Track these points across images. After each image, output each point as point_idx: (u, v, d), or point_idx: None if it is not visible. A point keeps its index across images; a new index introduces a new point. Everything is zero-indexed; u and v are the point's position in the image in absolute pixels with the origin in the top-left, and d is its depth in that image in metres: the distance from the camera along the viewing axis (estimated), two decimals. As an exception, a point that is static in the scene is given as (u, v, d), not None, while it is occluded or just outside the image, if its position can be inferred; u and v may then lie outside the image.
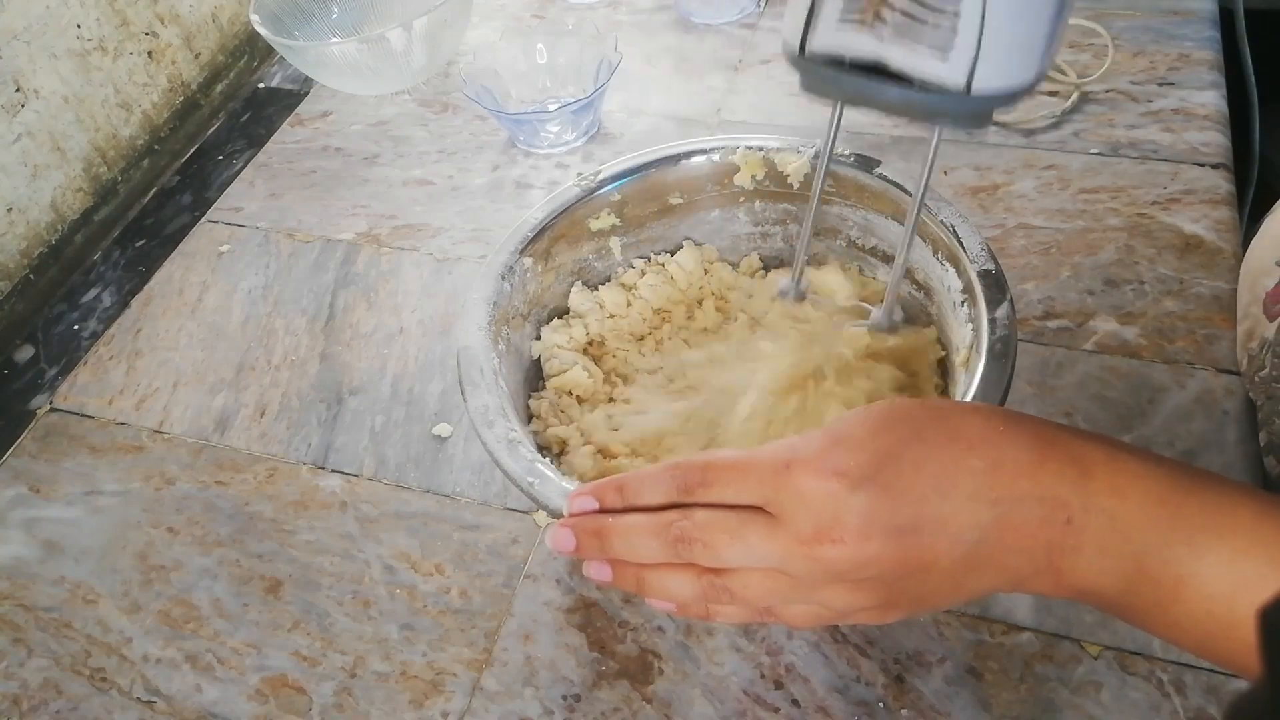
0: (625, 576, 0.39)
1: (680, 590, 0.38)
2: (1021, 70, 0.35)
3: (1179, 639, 0.35)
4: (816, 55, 0.36)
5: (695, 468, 0.37)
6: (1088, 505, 0.34)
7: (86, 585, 0.57)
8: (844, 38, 0.35)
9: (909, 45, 0.34)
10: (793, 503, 0.35)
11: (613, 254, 0.61)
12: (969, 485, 0.34)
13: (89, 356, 0.70)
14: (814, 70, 0.37)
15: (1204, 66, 0.76)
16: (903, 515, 0.34)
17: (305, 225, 0.77)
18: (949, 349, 0.53)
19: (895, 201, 0.55)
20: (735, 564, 0.36)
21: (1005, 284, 0.49)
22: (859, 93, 0.36)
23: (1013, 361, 0.46)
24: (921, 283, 0.56)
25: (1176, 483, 0.34)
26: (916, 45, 0.34)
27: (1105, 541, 0.34)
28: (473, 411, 0.48)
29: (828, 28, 0.36)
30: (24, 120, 0.75)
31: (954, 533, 0.34)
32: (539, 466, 0.45)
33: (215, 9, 0.92)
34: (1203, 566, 0.33)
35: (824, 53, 0.36)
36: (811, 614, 0.37)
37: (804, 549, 0.35)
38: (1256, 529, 0.33)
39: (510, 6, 0.94)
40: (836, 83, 0.36)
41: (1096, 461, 0.35)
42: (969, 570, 0.35)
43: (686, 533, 0.36)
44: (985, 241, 0.51)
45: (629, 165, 0.58)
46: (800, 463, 0.35)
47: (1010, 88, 0.35)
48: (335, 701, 0.51)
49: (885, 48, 0.35)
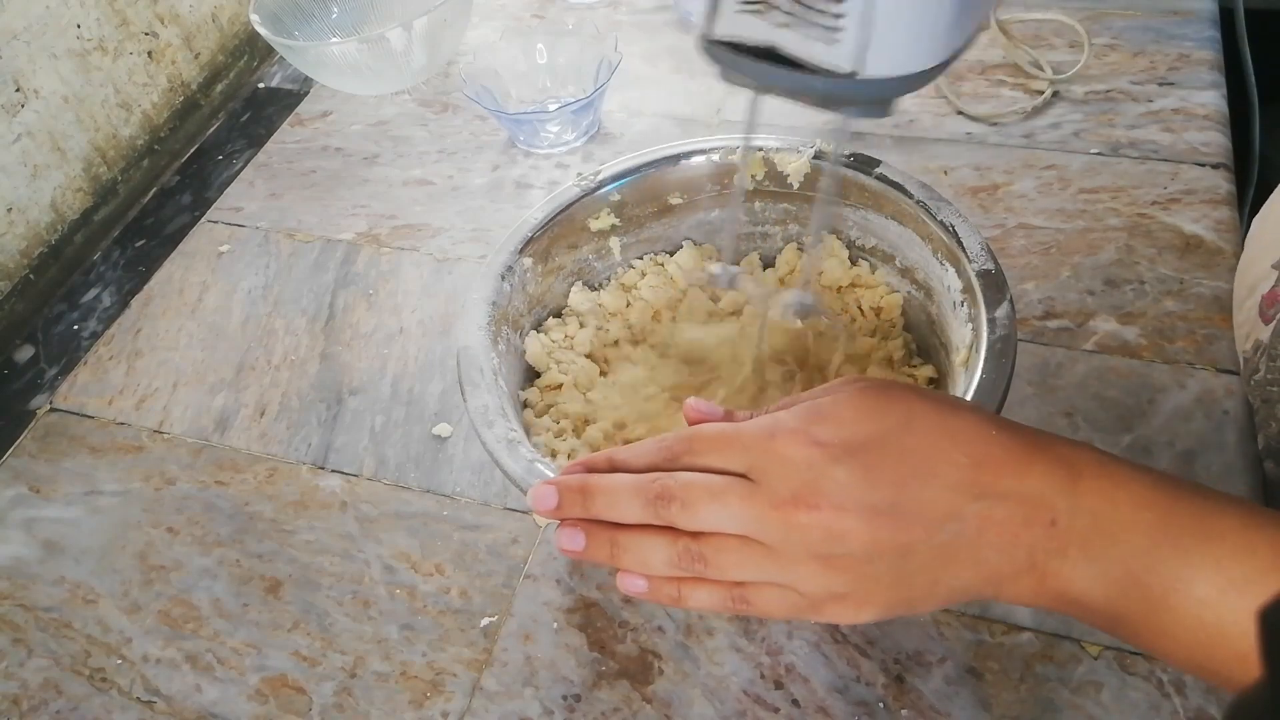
0: (599, 542, 0.38)
1: (654, 555, 0.38)
2: (918, 54, 0.35)
3: (1168, 650, 0.34)
4: (720, 41, 0.37)
5: (682, 437, 0.38)
6: (1074, 508, 0.34)
7: (86, 585, 0.57)
8: (742, 24, 0.36)
9: (799, 29, 0.35)
10: (773, 467, 0.35)
11: (613, 254, 0.61)
12: (952, 476, 0.34)
13: (89, 356, 0.70)
14: (720, 56, 0.37)
15: (1204, 66, 0.76)
16: (880, 494, 0.34)
17: (305, 225, 0.77)
18: (949, 349, 0.53)
19: (895, 202, 0.55)
20: (712, 527, 0.37)
21: (1005, 284, 0.49)
22: (760, 78, 0.37)
23: (1012, 361, 0.46)
24: (921, 283, 0.56)
25: (1165, 490, 0.34)
26: (806, 29, 0.34)
27: (1091, 546, 0.34)
28: (472, 411, 0.48)
29: (728, 14, 0.36)
30: (24, 120, 0.75)
31: (931, 520, 0.34)
32: (539, 466, 0.45)
33: (215, 9, 0.92)
34: (1191, 572, 0.33)
35: (726, 39, 0.37)
36: (784, 600, 0.37)
37: (780, 513, 0.35)
38: (1244, 535, 0.33)
39: (510, 6, 0.94)
40: (741, 68, 0.37)
41: (1085, 465, 0.35)
42: (946, 562, 0.35)
43: (668, 489, 0.37)
44: (985, 241, 0.51)
45: (629, 165, 0.58)
46: (785, 431, 0.36)
47: (904, 71, 0.35)
48: (335, 701, 0.51)
49: (777, 32, 0.35)
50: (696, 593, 0.38)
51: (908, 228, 0.55)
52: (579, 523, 0.39)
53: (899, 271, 0.57)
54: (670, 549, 0.37)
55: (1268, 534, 0.33)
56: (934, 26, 0.35)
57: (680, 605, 0.39)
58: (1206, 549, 0.33)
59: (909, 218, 0.55)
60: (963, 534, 0.34)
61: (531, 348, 0.57)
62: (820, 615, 0.37)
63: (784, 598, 0.37)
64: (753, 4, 0.35)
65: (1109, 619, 0.35)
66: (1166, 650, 0.34)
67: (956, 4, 0.34)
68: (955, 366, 0.51)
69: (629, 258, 0.61)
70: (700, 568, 0.37)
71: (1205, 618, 0.32)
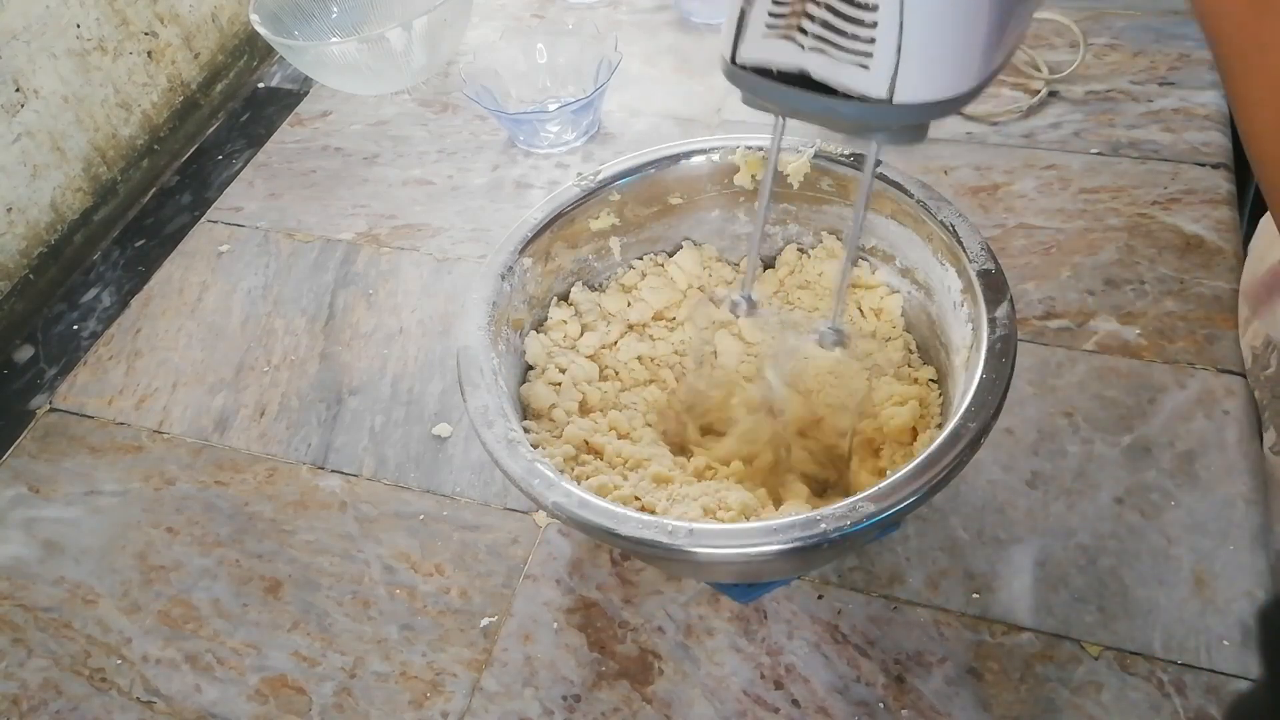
0: None
1: None
2: (952, 80, 0.35)
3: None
4: (746, 66, 0.36)
5: None
6: None
7: (86, 585, 0.57)
8: (770, 48, 0.35)
9: (830, 54, 0.34)
10: None
11: (612, 254, 0.61)
12: None
13: (89, 356, 0.70)
14: (746, 81, 0.37)
15: (1204, 66, 0.76)
16: None
17: (305, 225, 0.77)
18: (949, 349, 0.53)
19: (894, 201, 0.55)
20: None
21: (1005, 284, 0.49)
22: (789, 103, 0.36)
23: (1012, 361, 0.46)
24: (921, 283, 0.56)
25: None
26: (837, 54, 0.34)
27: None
28: (472, 412, 0.48)
29: (755, 38, 0.36)
30: (24, 120, 0.75)
31: None
32: (539, 466, 0.45)
33: (215, 9, 0.92)
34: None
35: (752, 63, 0.36)
36: None
37: None
38: None
39: (510, 6, 0.94)
40: (768, 93, 0.36)
41: None
42: None
43: None
44: (985, 241, 0.51)
45: (628, 165, 0.58)
46: None
47: (939, 98, 0.35)
48: (335, 701, 0.51)
49: (807, 57, 0.35)
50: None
51: (907, 227, 0.55)
52: None
53: (899, 272, 0.57)
54: None
55: None
56: (969, 49, 0.34)
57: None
58: None
59: (909, 217, 0.55)
60: None
61: (531, 348, 0.57)
62: None
63: None
64: (781, 27, 0.35)
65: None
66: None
67: (992, 26, 0.34)
68: (956, 367, 0.51)
69: (629, 258, 0.61)
70: None
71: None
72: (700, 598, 0.52)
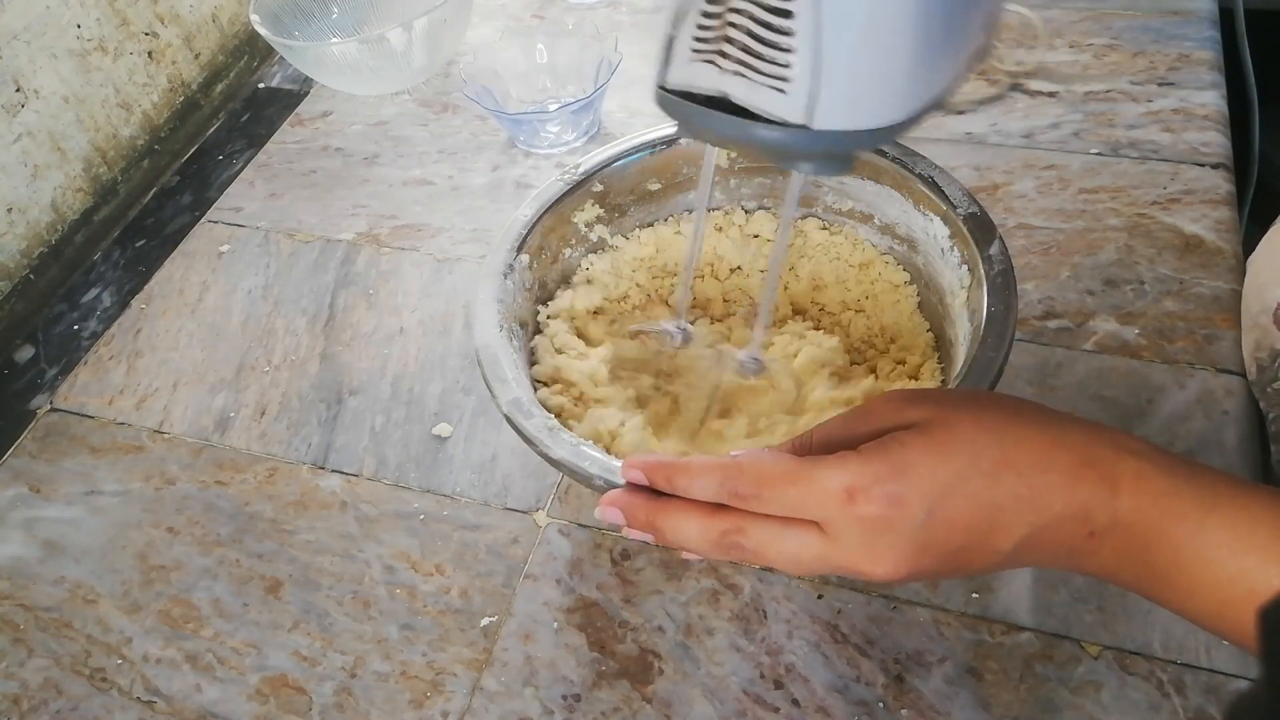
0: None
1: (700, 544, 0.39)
2: (877, 108, 0.33)
3: (1191, 609, 0.35)
4: (672, 90, 0.36)
5: (749, 478, 0.37)
6: (1113, 522, 0.35)
7: (86, 585, 0.57)
8: (694, 71, 0.35)
9: (749, 77, 0.33)
10: (850, 528, 0.36)
11: (605, 242, 0.62)
12: (1013, 510, 0.36)
13: (89, 356, 0.70)
14: (673, 106, 0.36)
15: (1204, 66, 0.76)
16: (954, 543, 0.36)
17: (305, 225, 0.77)
18: (943, 294, 0.54)
19: (870, 163, 0.56)
20: (776, 566, 0.38)
21: (993, 224, 0.51)
22: (713, 129, 0.35)
23: (1015, 296, 0.47)
24: (903, 237, 0.57)
25: (1199, 499, 0.35)
26: (756, 77, 0.33)
27: (1125, 551, 0.35)
28: (506, 407, 0.48)
29: (681, 62, 0.35)
30: (24, 120, 0.75)
31: (992, 549, 0.36)
32: (584, 449, 0.46)
33: (215, 9, 0.92)
34: (1208, 537, 0.34)
35: (678, 88, 0.35)
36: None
37: (849, 566, 0.36)
38: (1269, 507, 0.34)
39: (510, 6, 0.94)
40: (694, 118, 0.35)
41: (1124, 478, 0.35)
42: (995, 568, 0.38)
43: (739, 545, 0.37)
44: (966, 188, 0.52)
45: (607, 155, 0.60)
46: (862, 492, 0.35)
47: (863, 126, 0.33)
48: (335, 701, 0.51)
49: (727, 80, 0.34)
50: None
51: (885, 185, 0.56)
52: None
53: (879, 230, 0.59)
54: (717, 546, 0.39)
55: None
56: (892, 78, 0.32)
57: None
58: (1238, 559, 0.33)
59: (885, 175, 0.56)
60: (1016, 552, 0.36)
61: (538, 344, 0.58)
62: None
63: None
64: (705, 51, 0.34)
65: (1132, 587, 0.37)
66: (1191, 610, 0.36)
67: (916, 54, 0.32)
68: (956, 308, 0.52)
69: (615, 245, 0.63)
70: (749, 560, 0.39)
71: (1220, 578, 0.34)
72: (700, 597, 0.52)
